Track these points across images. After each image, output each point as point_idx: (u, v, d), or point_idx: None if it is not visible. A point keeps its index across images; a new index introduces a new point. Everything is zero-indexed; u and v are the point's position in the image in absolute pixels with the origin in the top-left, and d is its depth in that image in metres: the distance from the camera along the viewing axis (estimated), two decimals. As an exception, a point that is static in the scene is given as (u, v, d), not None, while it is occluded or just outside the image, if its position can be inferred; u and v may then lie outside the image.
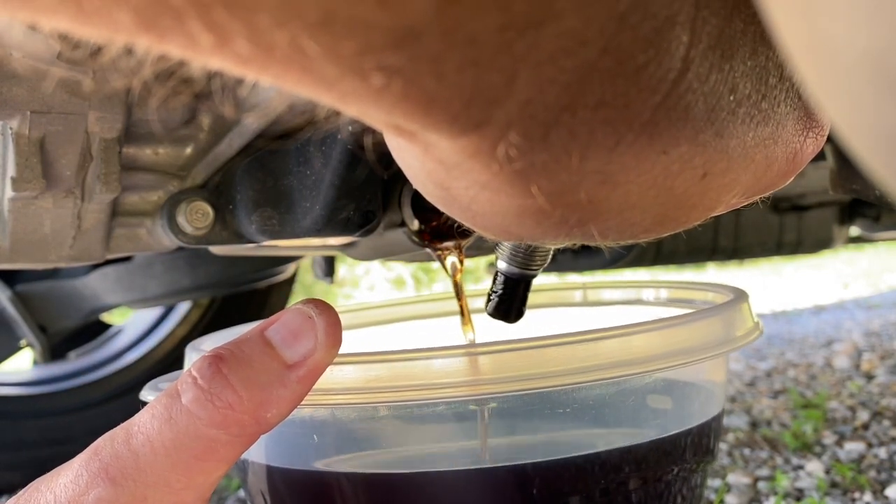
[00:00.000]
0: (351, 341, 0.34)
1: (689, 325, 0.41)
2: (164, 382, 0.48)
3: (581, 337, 0.39)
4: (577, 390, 0.42)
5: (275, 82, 0.17)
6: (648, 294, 0.61)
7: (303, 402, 0.32)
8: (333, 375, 0.37)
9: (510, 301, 0.49)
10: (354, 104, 0.17)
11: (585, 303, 0.65)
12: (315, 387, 0.32)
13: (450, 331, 0.66)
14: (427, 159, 0.21)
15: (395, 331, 0.68)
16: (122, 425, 0.32)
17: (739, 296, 0.48)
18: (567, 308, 0.66)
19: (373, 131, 0.21)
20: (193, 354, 0.49)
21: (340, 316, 0.32)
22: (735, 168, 0.22)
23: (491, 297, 0.49)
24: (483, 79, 0.16)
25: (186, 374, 0.31)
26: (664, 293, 0.60)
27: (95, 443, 0.32)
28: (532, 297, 0.50)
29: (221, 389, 0.30)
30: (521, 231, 0.23)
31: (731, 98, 0.20)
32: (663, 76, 0.18)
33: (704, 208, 0.24)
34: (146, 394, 0.44)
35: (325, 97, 0.17)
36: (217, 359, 0.31)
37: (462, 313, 0.57)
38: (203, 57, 0.16)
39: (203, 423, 0.30)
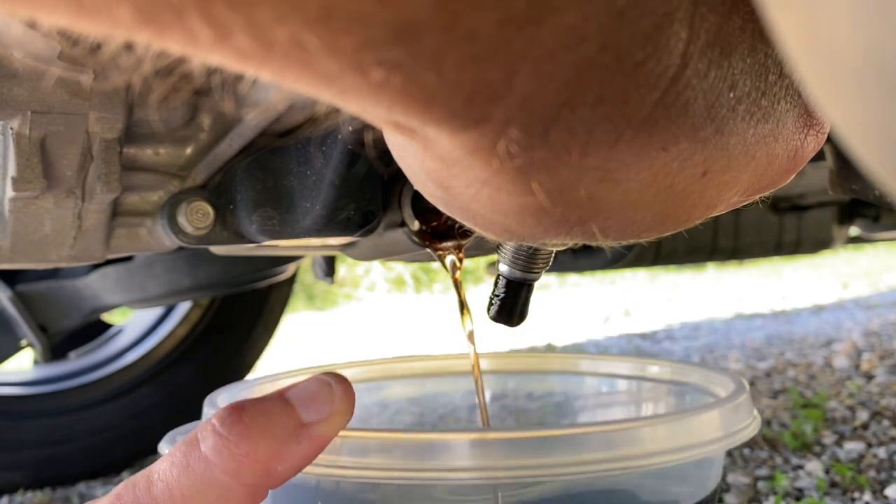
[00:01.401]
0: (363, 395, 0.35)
1: (693, 418, 0.41)
2: (180, 435, 0.48)
3: (586, 429, 0.39)
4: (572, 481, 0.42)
5: (274, 78, 0.16)
6: (652, 371, 0.61)
7: (310, 471, 0.33)
8: (343, 446, 0.38)
9: (513, 305, 0.49)
10: (354, 100, 0.17)
11: (594, 373, 0.65)
12: (323, 456, 0.34)
13: (464, 385, 0.67)
14: (427, 157, 0.21)
15: (405, 387, 0.68)
16: (143, 472, 0.33)
17: (739, 388, 0.48)
18: (571, 376, 0.66)
19: (373, 128, 0.21)
20: (209, 409, 0.49)
21: (359, 367, 0.33)
22: (735, 166, 0.22)
23: (493, 301, 0.49)
24: (483, 75, 0.16)
25: (207, 423, 0.33)
26: (667, 372, 0.59)
27: (117, 489, 0.33)
28: (529, 362, 0.50)
29: (239, 438, 0.31)
30: (522, 230, 0.23)
31: (731, 95, 0.20)
32: (662, 72, 0.18)
33: (705, 207, 0.23)
34: (163, 446, 0.45)
35: (325, 93, 0.17)
36: (238, 409, 0.33)
37: (461, 307, 0.57)
38: (203, 52, 0.16)
39: (218, 469, 0.31)
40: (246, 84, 0.19)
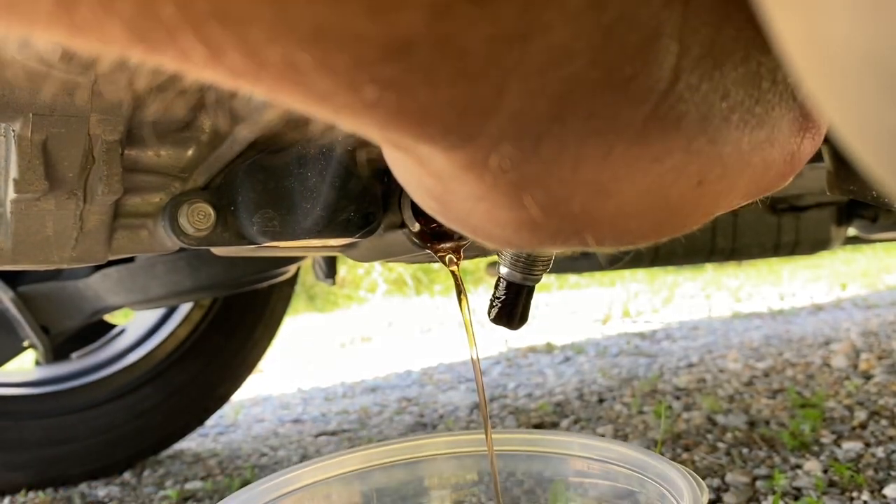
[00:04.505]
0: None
1: None
2: None
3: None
4: None
5: (268, 96, 0.17)
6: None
7: None
8: None
9: (513, 307, 0.49)
10: (349, 118, 0.17)
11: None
12: None
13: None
14: (423, 173, 0.21)
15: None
16: None
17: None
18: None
19: (367, 145, 0.21)
20: None
21: None
22: (731, 173, 0.22)
23: (494, 304, 0.49)
24: (474, 91, 0.17)
25: None
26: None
27: None
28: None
29: None
30: (519, 241, 0.23)
31: (724, 105, 0.20)
32: (652, 86, 0.18)
33: (701, 214, 0.24)
34: None
35: (319, 111, 0.17)
36: None
37: (459, 293, 0.57)
38: (196, 70, 0.16)
39: None
40: (241, 100, 0.19)
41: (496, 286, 0.50)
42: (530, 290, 0.50)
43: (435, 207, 0.23)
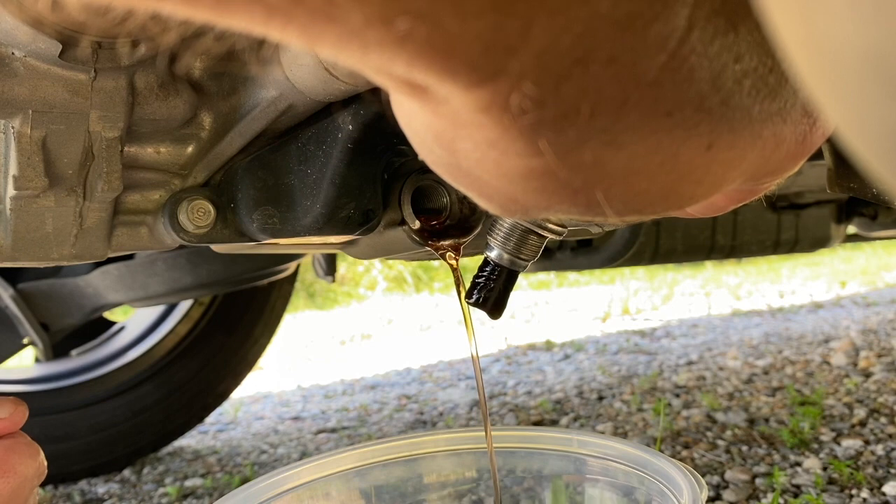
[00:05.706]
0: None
1: None
2: None
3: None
4: None
5: (300, 35, 0.17)
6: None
7: None
8: None
9: (492, 290, 0.48)
10: (376, 54, 0.18)
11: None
12: None
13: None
14: (436, 119, 0.21)
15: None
16: None
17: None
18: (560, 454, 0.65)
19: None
20: None
21: None
22: (741, 142, 0.22)
23: (475, 284, 0.49)
24: (502, 24, 0.17)
25: None
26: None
27: None
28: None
29: None
30: (526, 197, 0.23)
31: (737, 67, 0.20)
32: (669, 34, 0.18)
33: (710, 184, 0.24)
34: None
35: (349, 48, 0.17)
36: None
37: (457, 286, 0.57)
38: (230, 12, 0.16)
39: None
40: (268, 49, 0.19)
41: (481, 268, 0.49)
42: (512, 277, 0.49)
43: (443, 158, 0.23)
